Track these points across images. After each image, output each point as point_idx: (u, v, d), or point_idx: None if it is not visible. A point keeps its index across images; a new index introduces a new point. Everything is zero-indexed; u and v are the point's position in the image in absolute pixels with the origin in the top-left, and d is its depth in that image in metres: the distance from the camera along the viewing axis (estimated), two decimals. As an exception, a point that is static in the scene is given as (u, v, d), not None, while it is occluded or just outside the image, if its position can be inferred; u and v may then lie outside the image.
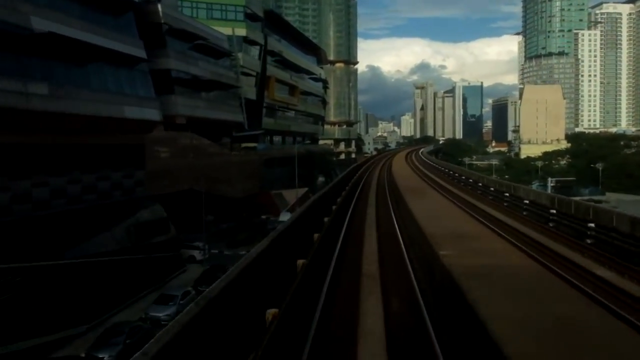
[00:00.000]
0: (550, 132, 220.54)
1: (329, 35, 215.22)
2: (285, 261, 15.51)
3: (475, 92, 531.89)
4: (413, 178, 72.06)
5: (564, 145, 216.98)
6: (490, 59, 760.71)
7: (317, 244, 18.02)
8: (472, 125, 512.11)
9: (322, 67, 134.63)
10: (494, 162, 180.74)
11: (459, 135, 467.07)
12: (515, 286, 15.67)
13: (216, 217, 66.83)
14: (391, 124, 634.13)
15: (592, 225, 23.55)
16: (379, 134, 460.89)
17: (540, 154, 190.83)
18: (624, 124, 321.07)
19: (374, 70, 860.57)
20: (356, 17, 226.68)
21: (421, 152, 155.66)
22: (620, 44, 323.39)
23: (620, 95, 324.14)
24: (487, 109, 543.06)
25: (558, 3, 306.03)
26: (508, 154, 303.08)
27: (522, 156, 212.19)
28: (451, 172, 78.94)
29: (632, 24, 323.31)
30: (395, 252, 20.24)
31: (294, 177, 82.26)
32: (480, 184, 53.02)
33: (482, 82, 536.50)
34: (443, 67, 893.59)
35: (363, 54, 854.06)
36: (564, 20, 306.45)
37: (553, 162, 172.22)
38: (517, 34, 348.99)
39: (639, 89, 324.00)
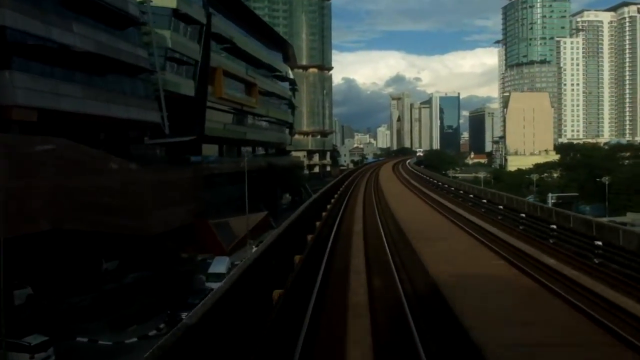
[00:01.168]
0: (539, 142, 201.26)
1: (301, 38, 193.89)
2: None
3: (452, 103, 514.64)
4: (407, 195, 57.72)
5: (552, 156, 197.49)
6: (464, 71, 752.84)
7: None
8: (449, 136, 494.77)
9: (290, 67, 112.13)
10: (481, 174, 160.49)
11: (436, 146, 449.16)
12: None
13: (122, 263, 44.48)
14: (367, 136, 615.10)
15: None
16: (355, 145, 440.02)
17: (531, 166, 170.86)
18: (607, 135, 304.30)
19: (349, 82, 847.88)
20: (330, 20, 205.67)
21: (408, 163, 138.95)
22: (602, 53, 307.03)
23: (602, 105, 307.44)
24: (462, 121, 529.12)
25: (539, 10, 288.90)
26: (492, 166, 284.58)
27: (510, 168, 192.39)
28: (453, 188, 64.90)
29: (613, 33, 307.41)
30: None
31: (253, 197, 60.56)
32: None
33: (459, 93, 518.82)
34: (418, 79, 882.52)
35: (339, 66, 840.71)
36: (545, 27, 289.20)
37: (546, 175, 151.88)
38: (497, 42, 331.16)
39: (621, 99, 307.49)
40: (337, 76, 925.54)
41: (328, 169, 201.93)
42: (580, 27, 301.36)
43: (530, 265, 20.69)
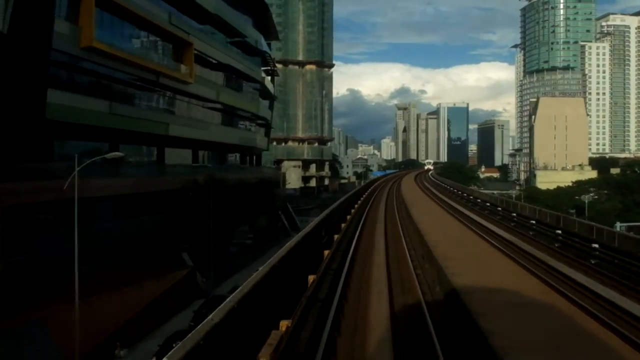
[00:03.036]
0: (571, 156, 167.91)
1: (297, 29, 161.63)
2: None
3: (459, 114, 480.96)
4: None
5: (588, 172, 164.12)
6: (468, 85, 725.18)
7: None
8: (457, 148, 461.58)
9: (267, 39, 78.22)
10: (512, 192, 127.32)
11: (444, 158, 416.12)
12: None
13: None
14: (371, 147, 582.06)
15: None
16: (359, 156, 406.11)
17: (570, 183, 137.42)
18: (633, 149, 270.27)
19: (354, 93, 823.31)
20: (332, 10, 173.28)
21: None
22: (629, 60, 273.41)
23: (628, 116, 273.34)
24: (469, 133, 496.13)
25: (562, 12, 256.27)
26: (507, 181, 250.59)
27: (540, 185, 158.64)
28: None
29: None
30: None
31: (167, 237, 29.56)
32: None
33: (467, 104, 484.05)
34: (423, 91, 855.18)
35: (344, 77, 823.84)
36: (569, 30, 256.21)
37: (592, 194, 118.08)
38: (515, 46, 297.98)
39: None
40: (342, 87, 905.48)
41: (326, 182, 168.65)
42: (606, 32, 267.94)
43: None
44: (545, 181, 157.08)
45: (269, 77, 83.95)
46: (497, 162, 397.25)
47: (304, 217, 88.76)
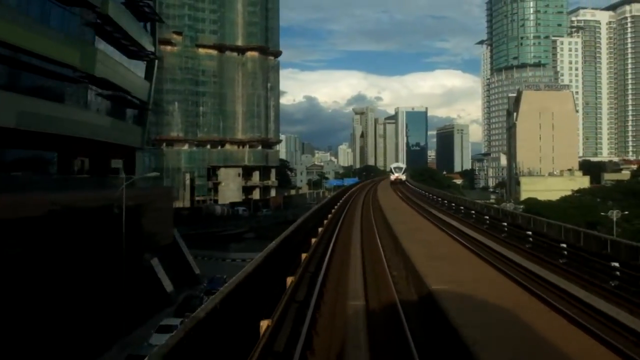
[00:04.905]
0: (560, 158, 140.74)
1: (236, 9, 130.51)
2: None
3: (418, 118, 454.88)
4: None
5: (579, 178, 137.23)
6: (424, 92, 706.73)
7: None
8: (416, 154, 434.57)
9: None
10: (508, 204, 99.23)
11: (403, 165, 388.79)
12: None
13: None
14: (328, 154, 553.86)
15: None
16: (316, 162, 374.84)
17: (571, 192, 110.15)
18: (605, 153, 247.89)
19: (310, 100, 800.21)
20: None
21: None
22: (600, 58, 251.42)
23: (600, 117, 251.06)
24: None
25: (532, 4, 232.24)
26: (474, 188, 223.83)
27: (523, 194, 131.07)
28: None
29: (612, 35, 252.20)
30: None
31: None
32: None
33: (426, 108, 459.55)
34: (379, 98, 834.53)
35: (301, 85, 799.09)
36: (539, 24, 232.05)
37: (614, 209, 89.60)
38: (481, 42, 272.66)
39: (622, 112, 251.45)
40: (299, 94, 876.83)
41: (273, 193, 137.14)
42: (577, 26, 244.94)
43: None
44: (531, 189, 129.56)
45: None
46: (457, 168, 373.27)
47: (223, 254, 57.91)
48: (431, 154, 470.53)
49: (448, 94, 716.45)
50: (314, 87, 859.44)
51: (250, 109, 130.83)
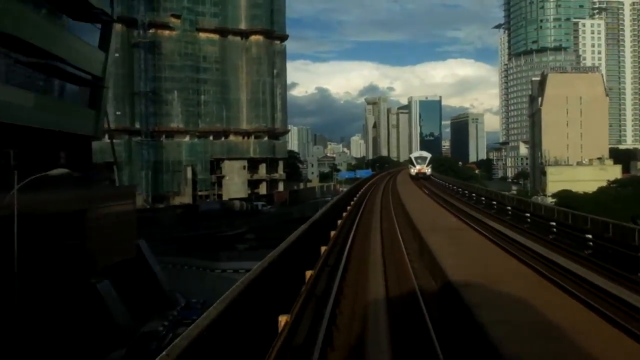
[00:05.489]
0: (588, 147, 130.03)
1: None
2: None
3: (432, 108, 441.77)
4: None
5: (611, 166, 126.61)
6: (436, 82, 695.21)
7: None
8: (430, 144, 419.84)
9: None
10: (539, 197, 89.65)
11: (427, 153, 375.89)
12: None
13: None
14: (340, 145, 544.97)
15: None
16: (327, 154, 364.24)
17: (608, 183, 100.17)
18: (629, 141, 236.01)
19: (322, 92, 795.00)
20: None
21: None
22: (623, 40, 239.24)
23: (624, 103, 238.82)
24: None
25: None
26: (492, 179, 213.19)
27: (550, 186, 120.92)
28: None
29: (636, 16, 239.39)
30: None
31: None
32: None
33: (440, 97, 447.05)
34: (391, 89, 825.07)
35: (312, 76, 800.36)
36: (560, 6, 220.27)
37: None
38: (499, 26, 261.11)
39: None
40: (311, 86, 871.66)
41: (281, 187, 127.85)
42: (599, 7, 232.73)
43: None
44: (559, 179, 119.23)
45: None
46: (472, 158, 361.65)
47: (212, 264, 48.79)
48: (445, 144, 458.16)
49: (461, 83, 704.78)
50: (325, 79, 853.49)
51: (255, 97, 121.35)
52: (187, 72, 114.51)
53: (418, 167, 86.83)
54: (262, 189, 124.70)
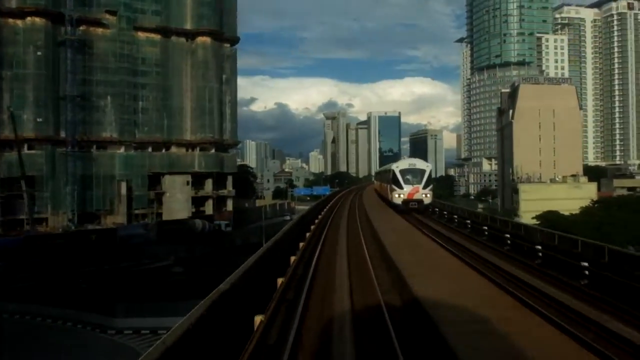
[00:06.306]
0: (562, 163, 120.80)
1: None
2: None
3: (391, 123, 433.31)
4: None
5: (585, 184, 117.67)
6: (394, 99, 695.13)
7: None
8: (389, 160, 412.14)
9: None
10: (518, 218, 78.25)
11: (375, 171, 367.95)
12: None
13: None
14: (299, 161, 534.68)
15: None
16: (286, 169, 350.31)
17: (591, 202, 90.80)
18: (591, 158, 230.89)
19: (282, 107, 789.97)
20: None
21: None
22: (585, 57, 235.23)
23: (585, 120, 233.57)
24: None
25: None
26: (454, 196, 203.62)
27: (522, 205, 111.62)
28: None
29: (597, 33, 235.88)
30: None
31: None
32: None
33: (399, 113, 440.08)
34: (350, 105, 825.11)
35: (271, 92, 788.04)
36: (523, 20, 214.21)
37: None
38: (461, 40, 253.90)
39: (608, 114, 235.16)
40: (270, 101, 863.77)
41: (228, 207, 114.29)
42: (562, 23, 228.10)
43: None
44: (533, 198, 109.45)
45: None
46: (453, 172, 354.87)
47: (103, 321, 35.27)
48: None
49: (418, 101, 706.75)
50: (285, 94, 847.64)
51: (200, 104, 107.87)
52: (123, 76, 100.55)
53: (407, 188, 45.03)
54: (209, 207, 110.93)
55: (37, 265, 47.10)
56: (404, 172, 45.13)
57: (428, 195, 44.46)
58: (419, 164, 47.18)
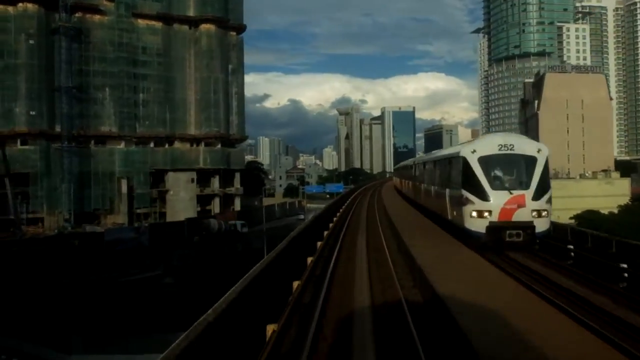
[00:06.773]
0: (591, 157, 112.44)
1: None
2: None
3: (405, 119, 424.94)
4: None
5: (617, 181, 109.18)
6: (407, 95, 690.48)
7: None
8: (403, 156, 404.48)
9: None
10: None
11: (390, 168, 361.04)
12: None
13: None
14: (312, 157, 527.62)
15: None
16: (299, 165, 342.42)
17: (631, 200, 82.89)
18: (615, 152, 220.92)
19: (295, 104, 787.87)
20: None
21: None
22: (607, 47, 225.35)
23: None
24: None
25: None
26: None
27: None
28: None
29: (619, 22, 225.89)
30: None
31: None
32: None
33: (414, 108, 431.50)
34: (363, 101, 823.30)
35: (285, 88, 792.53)
36: (543, 9, 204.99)
37: None
38: (478, 30, 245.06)
39: (632, 107, 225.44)
40: (283, 97, 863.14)
41: (237, 204, 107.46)
42: (583, 12, 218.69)
43: None
44: (562, 195, 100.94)
45: None
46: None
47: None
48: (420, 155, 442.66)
49: (432, 96, 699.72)
50: (298, 91, 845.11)
51: (205, 96, 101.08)
52: (122, 66, 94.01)
53: (499, 199, 19.00)
54: (215, 206, 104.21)
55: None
56: (490, 161, 20.00)
57: (544, 212, 19.18)
58: (520, 144, 20.37)
